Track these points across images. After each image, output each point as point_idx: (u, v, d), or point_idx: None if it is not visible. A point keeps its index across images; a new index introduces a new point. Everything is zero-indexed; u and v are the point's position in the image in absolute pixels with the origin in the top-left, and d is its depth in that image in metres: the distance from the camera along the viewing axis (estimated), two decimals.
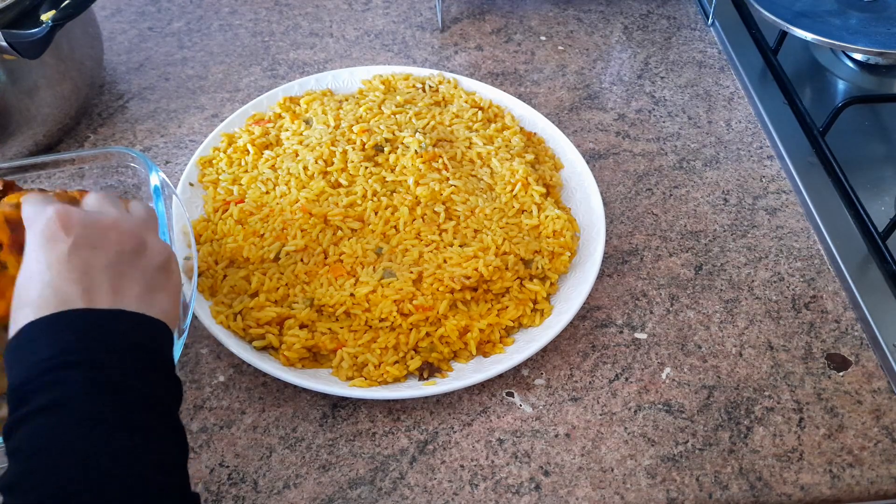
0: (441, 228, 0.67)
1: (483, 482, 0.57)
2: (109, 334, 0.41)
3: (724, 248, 0.73)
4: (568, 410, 0.61)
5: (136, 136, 0.80)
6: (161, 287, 0.46)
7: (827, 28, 0.84)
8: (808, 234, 0.74)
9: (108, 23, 0.93)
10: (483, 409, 0.61)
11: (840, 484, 0.58)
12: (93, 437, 0.38)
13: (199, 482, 0.56)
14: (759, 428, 0.61)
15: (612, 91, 0.88)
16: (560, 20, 0.97)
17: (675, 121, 0.85)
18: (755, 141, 0.83)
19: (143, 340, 0.43)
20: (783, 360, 0.65)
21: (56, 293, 0.41)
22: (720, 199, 0.77)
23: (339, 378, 0.60)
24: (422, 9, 0.98)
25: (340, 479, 0.57)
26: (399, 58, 0.91)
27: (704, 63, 0.92)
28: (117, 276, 0.43)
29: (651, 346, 0.66)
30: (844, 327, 0.67)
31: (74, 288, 0.41)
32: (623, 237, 0.74)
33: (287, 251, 0.64)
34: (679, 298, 0.69)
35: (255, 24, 0.95)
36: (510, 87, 0.88)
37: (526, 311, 0.64)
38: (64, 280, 0.42)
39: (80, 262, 0.42)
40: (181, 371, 0.62)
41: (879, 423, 0.61)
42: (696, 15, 0.99)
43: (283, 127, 0.75)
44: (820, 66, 0.93)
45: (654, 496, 0.57)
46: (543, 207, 0.70)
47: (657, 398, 0.62)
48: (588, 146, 0.82)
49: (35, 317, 0.41)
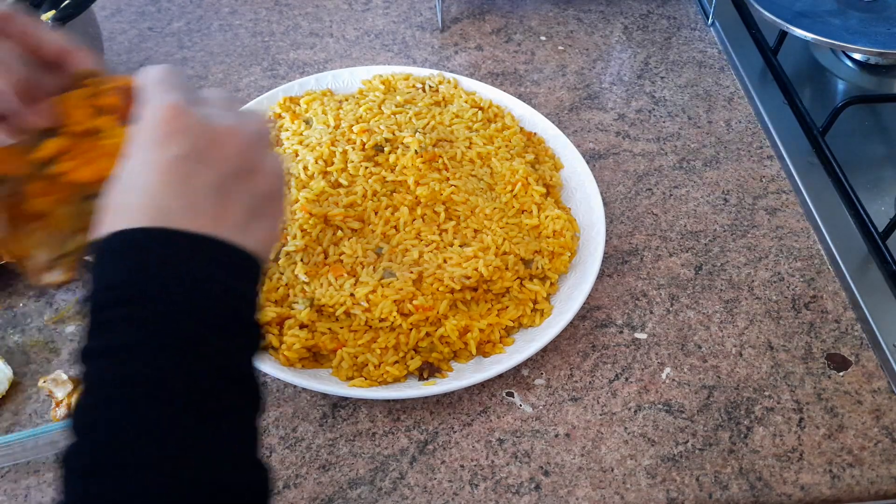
0: (441, 228, 0.67)
1: (483, 482, 0.57)
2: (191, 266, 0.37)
3: (724, 248, 0.73)
4: (568, 410, 0.61)
5: None
6: (265, 214, 0.41)
7: (827, 28, 0.84)
8: (808, 234, 0.74)
9: (108, 23, 0.93)
10: (483, 409, 0.61)
11: (840, 484, 0.58)
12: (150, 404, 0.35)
13: None
14: (759, 428, 0.61)
15: (612, 91, 0.88)
16: (560, 20, 0.97)
17: (675, 121, 0.85)
18: (755, 141, 0.83)
19: (226, 276, 0.38)
20: (783, 360, 0.65)
21: (155, 204, 0.37)
22: (720, 199, 0.77)
23: (339, 378, 0.60)
24: (422, 9, 0.98)
25: (340, 479, 0.57)
26: (399, 58, 0.91)
27: (704, 63, 0.92)
28: (223, 196, 0.39)
29: (651, 346, 0.66)
30: (844, 327, 0.67)
31: (176, 203, 0.37)
32: (623, 237, 0.74)
33: (287, 251, 0.64)
34: (679, 298, 0.69)
35: (255, 24, 0.95)
36: (510, 87, 0.88)
37: (526, 311, 0.64)
38: (163, 191, 0.38)
39: (187, 174, 0.38)
40: None
41: (879, 423, 0.61)
42: (696, 15, 0.99)
43: (283, 127, 0.75)
44: (820, 66, 0.93)
45: (654, 496, 0.57)
46: (544, 207, 0.70)
47: (657, 398, 0.62)
48: (588, 146, 0.82)
49: (126, 225, 0.37)
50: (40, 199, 0.43)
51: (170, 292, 0.36)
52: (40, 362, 0.62)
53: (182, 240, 0.37)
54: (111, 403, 0.35)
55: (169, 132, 0.38)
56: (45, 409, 0.60)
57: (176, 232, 0.37)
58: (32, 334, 0.64)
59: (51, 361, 0.63)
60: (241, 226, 0.39)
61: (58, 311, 0.66)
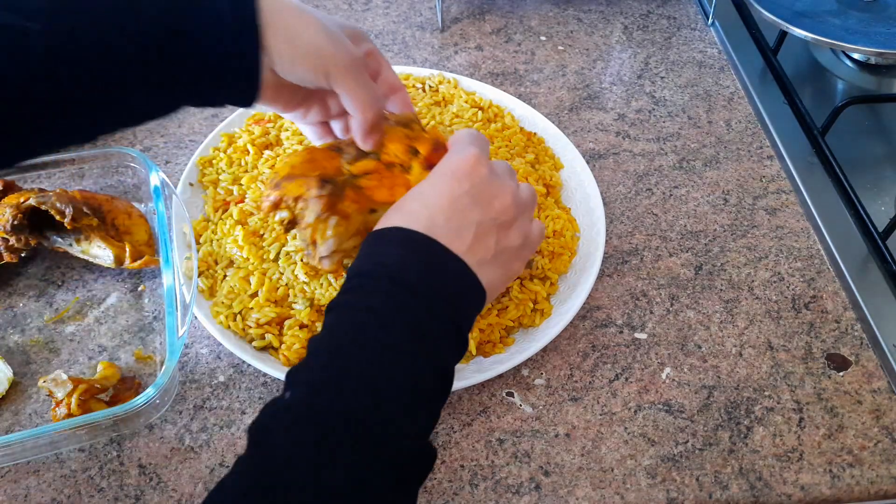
0: None
1: (483, 482, 0.57)
2: (444, 275, 0.46)
3: (724, 248, 0.73)
4: (568, 410, 0.61)
5: (136, 136, 0.80)
6: (504, 264, 0.50)
7: (827, 28, 0.84)
8: (808, 234, 0.74)
9: None
10: (483, 409, 0.61)
11: (840, 484, 0.58)
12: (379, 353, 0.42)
13: (199, 482, 0.56)
14: (759, 428, 0.61)
15: (612, 91, 0.88)
16: (560, 20, 0.97)
17: (675, 121, 0.85)
18: (755, 141, 0.83)
19: (460, 296, 0.47)
20: (783, 360, 0.65)
21: (429, 218, 0.47)
22: (720, 199, 0.77)
23: None
24: (422, 9, 0.98)
25: None
26: (399, 58, 0.91)
27: (704, 63, 0.92)
28: (481, 234, 0.48)
29: (651, 346, 0.66)
30: (844, 327, 0.67)
31: (445, 225, 0.47)
32: (623, 237, 0.74)
33: (287, 251, 0.64)
34: (679, 298, 0.69)
35: None
36: (510, 87, 0.88)
37: (526, 311, 0.64)
38: (442, 213, 0.47)
39: (463, 206, 0.48)
40: (181, 371, 0.62)
41: (879, 423, 0.61)
42: (696, 15, 0.99)
43: (283, 126, 0.75)
44: (820, 66, 0.93)
45: (654, 496, 0.57)
46: (544, 207, 0.70)
47: (657, 398, 0.62)
48: (588, 146, 0.82)
49: (403, 224, 0.47)
50: (350, 203, 0.54)
51: (419, 284, 0.44)
52: (40, 362, 0.62)
53: (441, 251, 0.46)
54: (340, 340, 0.43)
55: (465, 172, 0.49)
56: (45, 409, 0.60)
57: (438, 244, 0.46)
58: (32, 334, 0.64)
59: (51, 361, 0.63)
60: (483, 263, 0.48)
61: (58, 311, 0.66)
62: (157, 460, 0.57)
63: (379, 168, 0.56)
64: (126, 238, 0.67)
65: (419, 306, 0.44)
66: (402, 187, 0.55)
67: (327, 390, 0.40)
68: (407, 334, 0.43)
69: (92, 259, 0.67)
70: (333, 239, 0.55)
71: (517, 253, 0.51)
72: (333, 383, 0.41)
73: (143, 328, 0.65)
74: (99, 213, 0.66)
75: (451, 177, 0.49)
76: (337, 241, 0.56)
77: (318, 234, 0.56)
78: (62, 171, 0.74)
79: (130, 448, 0.58)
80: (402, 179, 0.57)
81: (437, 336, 0.44)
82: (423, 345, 0.43)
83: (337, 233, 0.55)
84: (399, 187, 0.56)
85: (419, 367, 0.43)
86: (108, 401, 0.59)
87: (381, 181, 0.56)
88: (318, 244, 0.56)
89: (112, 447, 0.58)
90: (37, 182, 0.73)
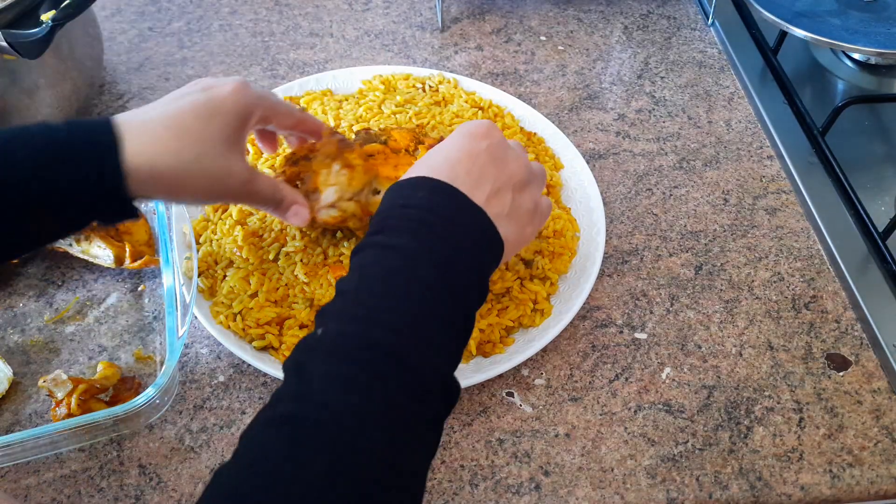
0: None
1: (483, 482, 0.57)
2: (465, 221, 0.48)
3: (724, 248, 0.73)
4: (568, 410, 0.61)
5: None
6: (519, 222, 0.52)
7: (827, 28, 0.84)
8: (808, 234, 0.74)
9: (108, 23, 0.93)
10: (483, 409, 0.61)
11: (840, 484, 0.58)
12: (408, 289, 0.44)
13: (199, 482, 0.56)
14: (759, 428, 0.61)
15: (612, 91, 0.88)
16: (560, 20, 0.97)
17: (675, 121, 0.85)
18: (755, 141, 0.83)
19: (482, 244, 0.48)
20: (783, 360, 0.65)
21: (451, 169, 0.49)
22: (720, 199, 0.77)
23: None
24: (422, 9, 0.98)
25: None
26: (399, 58, 0.91)
27: (704, 63, 0.92)
28: (498, 189, 0.50)
29: (651, 346, 0.66)
30: (844, 327, 0.67)
31: (465, 176, 0.49)
32: (623, 237, 0.74)
33: (286, 251, 0.64)
34: (679, 298, 0.69)
35: (255, 24, 0.95)
36: (510, 87, 0.88)
37: (526, 311, 0.64)
38: (462, 165, 0.49)
39: (482, 162, 0.50)
40: (181, 371, 0.62)
41: (879, 423, 0.61)
42: (696, 15, 0.99)
43: None
44: (820, 66, 0.93)
45: (654, 496, 0.57)
46: None
47: (657, 398, 0.62)
48: (588, 146, 0.82)
49: (428, 174, 0.48)
50: (357, 157, 0.59)
51: (446, 228, 0.46)
52: (40, 362, 0.62)
53: (464, 200, 0.48)
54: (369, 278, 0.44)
55: (482, 133, 0.51)
56: (45, 409, 0.60)
57: (459, 192, 0.48)
58: (32, 334, 0.64)
59: (51, 361, 0.63)
60: (500, 217, 0.49)
61: (58, 311, 0.66)
62: (157, 460, 0.57)
63: (385, 150, 0.62)
64: (126, 238, 0.67)
65: (445, 248, 0.46)
66: (407, 166, 0.57)
67: (358, 323, 0.42)
68: (434, 274, 0.44)
69: (92, 259, 0.67)
70: (335, 187, 0.58)
71: (530, 217, 0.53)
72: (363, 317, 0.42)
73: (143, 328, 0.65)
74: None
75: (469, 136, 0.51)
76: (338, 191, 0.58)
77: (321, 179, 0.58)
78: None
79: (130, 448, 0.58)
80: (407, 160, 0.61)
81: (462, 279, 0.46)
82: (450, 285, 0.45)
83: (339, 182, 0.57)
84: (404, 166, 0.59)
85: (447, 306, 0.45)
86: (108, 401, 0.59)
87: (386, 160, 0.61)
88: (320, 191, 0.58)
89: (112, 447, 0.58)
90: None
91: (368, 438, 0.38)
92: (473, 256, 0.47)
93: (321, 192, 0.58)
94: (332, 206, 0.59)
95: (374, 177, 0.60)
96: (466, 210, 0.48)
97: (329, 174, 0.58)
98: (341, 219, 0.59)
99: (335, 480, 0.36)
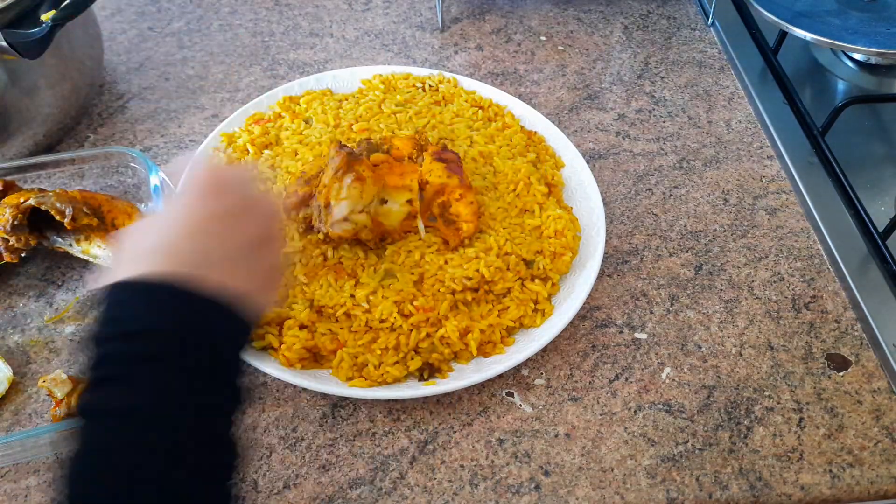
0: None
1: (483, 482, 0.57)
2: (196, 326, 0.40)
3: (724, 248, 0.73)
4: (568, 410, 0.61)
5: (136, 136, 0.80)
6: (262, 281, 0.45)
7: (827, 28, 0.84)
8: (808, 234, 0.74)
9: (108, 23, 0.93)
10: (483, 409, 0.61)
11: (840, 484, 0.58)
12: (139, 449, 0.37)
13: None
14: (759, 428, 0.61)
15: (612, 91, 0.88)
16: (560, 20, 0.97)
17: (675, 121, 0.85)
18: (755, 141, 0.83)
19: (222, 340, 0.41)
20: (783, 360, 0.65)
21: (174, 251, 0.41)
22: (720, 199, 0.77)
23: (339, 378, 0.60)
24: (422, 9, 0.98)
25: (340, 479, 0.57)
26: (399, 58, 0.91)
27: (704, 63, 0.92)
28: (235, 259, 0.42)
29: (651, 346, 0.65)
30: (844, 327, 0.67)
31: (192, 255, 0.41)
32: (623, 237, 0.74)
33: (286, 252, 0.64)
34: (679, 298, 0.69)
35: (255, 24, 0.95)
36: (510, 87, 0.88)
37: (527, 311, 0.64)
38: (187, 242, 0.41)
39: (214, 231, 0.42)
40: None
41: (879, 423, 0.61)
42: (696, 15, 0.99)
43: (282, 126, 0.75)
44: (820, 66, 0.93)
45: (654, 496, 0.57)
46: (546, 207, 0.70)
47: (657, 398, 0.62)
48: (588, 146, 0.82)
49: (147, 266, 0.40)
50: (366, 168, 0.60)
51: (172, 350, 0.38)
52: (40, 362, 0.62)
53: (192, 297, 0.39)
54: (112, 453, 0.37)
55: (213, 191, 0.44)
56: (45, 409, 0.60)
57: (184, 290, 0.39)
58: (32, 334, 0.64)
59: (51, 361, 0.63)
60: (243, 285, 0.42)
61: (58, 311, 0.66)
62: None
63: (389, 159, 0.63)
64: None
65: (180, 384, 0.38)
66: (412, 173, 0.60)
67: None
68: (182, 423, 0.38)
69: (92, 259, 0.67)
70: (347, 201, 0.59)
71: (275, 273, 0.47)
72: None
73: None
74: (99, 213, 0.66)
75: (199, 196, 0.45)
76: (351, 204, 0.59)
77: (332, 193, 0.59)
78: (62, 171, 0.74)
79: None
80: (412, 167, 0.62)
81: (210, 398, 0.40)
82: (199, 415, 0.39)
83: (351, 195, 0.58)
84: (409, 174, 0.62)
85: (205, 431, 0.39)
86: None
87: (391, 169, 0.62)
88: (333, 205, 0.59)
89: None
90: (37, 182, 0.72)
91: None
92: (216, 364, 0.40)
93: (334, 207, 0.60)
94: (345, 220, 0.60)
95: (382, 186, 0.61)
96: (198, 311, 0.39)
97: (341, 188, 0.59)
98: (354, 231, 0.61)
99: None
